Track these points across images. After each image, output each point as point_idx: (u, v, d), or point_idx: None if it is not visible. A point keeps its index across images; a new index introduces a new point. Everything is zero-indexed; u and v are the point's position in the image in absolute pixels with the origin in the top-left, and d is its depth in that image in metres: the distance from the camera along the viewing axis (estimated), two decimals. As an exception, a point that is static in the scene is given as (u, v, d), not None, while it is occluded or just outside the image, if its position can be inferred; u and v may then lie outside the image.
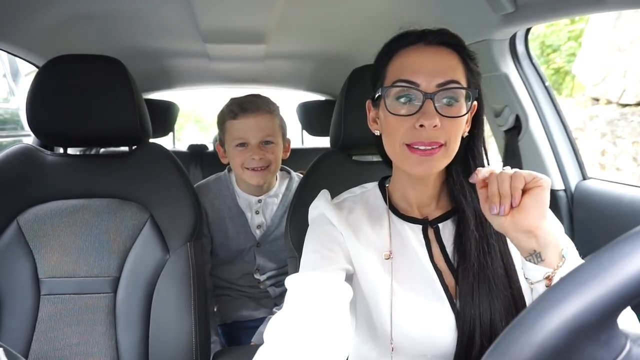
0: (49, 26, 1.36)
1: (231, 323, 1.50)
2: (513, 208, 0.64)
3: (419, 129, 0.69)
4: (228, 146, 1.37)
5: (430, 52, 0.72)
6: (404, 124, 0.71)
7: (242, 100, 1.34)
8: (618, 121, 4.51)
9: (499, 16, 1.15)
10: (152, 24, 1.53)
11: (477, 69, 0.75)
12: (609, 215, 1.14)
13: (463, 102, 0.71)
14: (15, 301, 1.07)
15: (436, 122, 0.68)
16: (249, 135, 1.32)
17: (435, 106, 0.69)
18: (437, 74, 0.70)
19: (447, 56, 0.72)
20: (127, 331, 1.09)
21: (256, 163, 1.32)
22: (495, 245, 0.75)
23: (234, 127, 1.34)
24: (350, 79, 1.12)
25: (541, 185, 0.63)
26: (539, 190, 0.63)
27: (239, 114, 1.32)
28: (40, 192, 1.13)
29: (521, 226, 0.63)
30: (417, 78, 0.70)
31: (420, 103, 0.69)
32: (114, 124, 1.14)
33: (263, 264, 1.48)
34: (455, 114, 0.70)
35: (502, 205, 0.64)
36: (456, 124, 0.71)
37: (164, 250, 1.13)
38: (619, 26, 4.62)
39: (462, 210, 0.77)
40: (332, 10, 1.42)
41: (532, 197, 0.63)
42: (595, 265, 0.30)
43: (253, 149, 1.32)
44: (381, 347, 0.77)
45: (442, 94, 0.70)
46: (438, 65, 0.71)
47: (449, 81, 0.70)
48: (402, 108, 0.71)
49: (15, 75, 3.71)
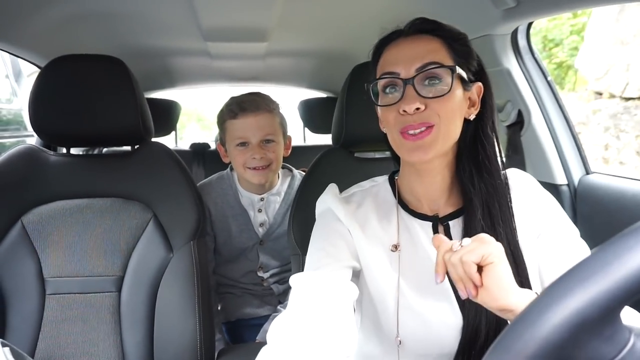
0: (51, 26, 1.36)
1: (235, 321, 1.50)
2: (478, 288, 0.59)
3: (404, 115, 0.70)
4: (229, 146, 1.37)
5: (407, 42, 0.74)
6: (392, 113, 0.72)
7: (242, 100, 1.34)
8: (621, 115, 4.49)
9: (500, 11, 1.15)
10: (154, 23, 1.53)
11: (466, 49, 0.75)
12: (613, 209, 1.14)
13: (448, 80, 0.70)
14: (21, 301, 1.07)
15: (417, 105, 0.69)
16: (249, 134, 1.32)
17: (417, 90, 0.69)
18: (414, 60, 0.71)
19: (425, 42, 0.73)
20: (131, 329, 1.10)
21: (257, 162, 1.32)
22: (503, 234, 0.73)
23: (234, 127, 1.34)
24: (351, 75, 1.12)
25: (493, 261, 0.58)
26: (492, 268, 0.58)
27: (239, 113, 1.32)
28: (44, 193, 1.14)
29: (491, 306, 0.59)
30: (397, 68, 0.72)
31: (402, 90, 0.70)
32: (116, 123, 1.14)
33: (266, 262, 1.48)
34: (439, 94, 0.70)
35: (466, 290, 0.59)
36: (445, 103, 0.70)
37: (167, 248, 1.13)
38: (622, 19, 4.59)
39: (470, 200, 0.76)
40: (332, 7, 1.42)
41: (489, 276, 0.58)
42: (598, 259, 0.30)
43: (254, 149, 1.32)
44: (386, 344, 0.77)
45: (422, 78, 0.70)
46: (415, 51, 0.72)
47: (427, 63, 0.70)
48: (388, 98, 0.73)
49: (17, 76, 3.72)
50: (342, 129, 1.13)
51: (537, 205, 0.78)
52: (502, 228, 0.74)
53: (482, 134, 0.76)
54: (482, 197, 0.75)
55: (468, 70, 0.74)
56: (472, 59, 0.75)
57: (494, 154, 0.77)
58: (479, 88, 0.76)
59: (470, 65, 0.75)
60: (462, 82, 0.72)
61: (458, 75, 0.71)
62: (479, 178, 0.76)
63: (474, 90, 0.75)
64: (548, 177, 1.30)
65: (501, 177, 0.77)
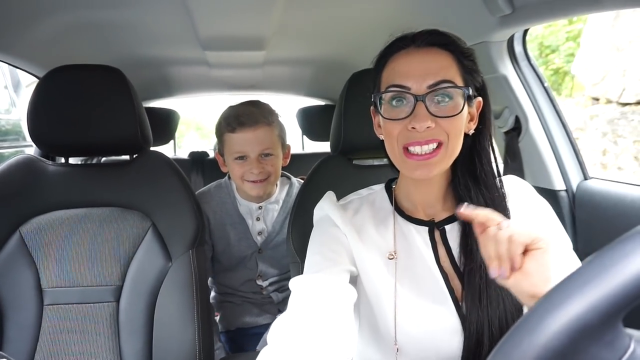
0: (49, 37, 1.37)
1: (235, 330, 1.50)
2: (514, 271, 0.58)
3: (412, 131, 0.69)
4: (227, 158, 1.37)
5: (420, 55, 0.72)
6: (397, 127, 0.71)
7: (240, 113, 1.32)
8: (618, 120, 4.51)
9: (496, 18, 1.15)
10: (152, 32, 1.53)
11: (474, 65, 0.74)
12: (611, 215, 1.14)
13: (459, 100, 0.70)
14: (18, 312, 1.07)
15: (428, 123, 0.68)
16: (247, 149, 1.32)
17: (427, 107, 0.68)
18: (427, 76, 0.69)
19: (437, 56, 0.71)
20: (130, 339, 1.09)
21: (255, 176, 1.32)
22: None
23: (233, 141, 1.33)
24: (349, 83, 1.13)
25: (542, 247, 0.57)
26: (541, 253, 0.57)
27: (237, 128, 1.30)
28: (42, 202, 1.14)
29: (524, 291, 0.58)
30: (408, 82, 0.70)
31: (412, 105, 0.69)
32: (114, 133, 1.14)
33: (265, 270, 1.48)
34: (450, 113, 0.69)
35: (500, 269, 0.58)
36: (454, 122, 0.70)
37: (166, 258, 1.13)
38: (617, 26, 4.63)
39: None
40: (330, 15, 1.43)
41: (534, 261, 0.57)
42: (597, 265, 0.30)
43: (252, 162, 1.31)
44: (385, 349, 0.77)
45: (434, 95, 0.69)
46: (428, 66, 0.70)
47: (440, 81, 0.69)
48: (396, 112, 0.71)
49: (16, 86, 3.73)
50: (340, 137, 1.13)
51: (532, 213, 0.78)
52: None
53: (479, 148, 0.77)
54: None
55: (473, 87, 0.74)
56: (477, 75, 0.75)
57: (491, 168, 0.77)
58: (478, 103, 0.76)
59: (476, 82, 0.75)
60: (467, 100, 0.72)
61: (466, 95, 0.71)
62: (477, 191, 0.76)
63: (474, 105, 0.76)
64: (546, 183, 1.30)
65: (499, 190, 0.77)
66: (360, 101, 1.10)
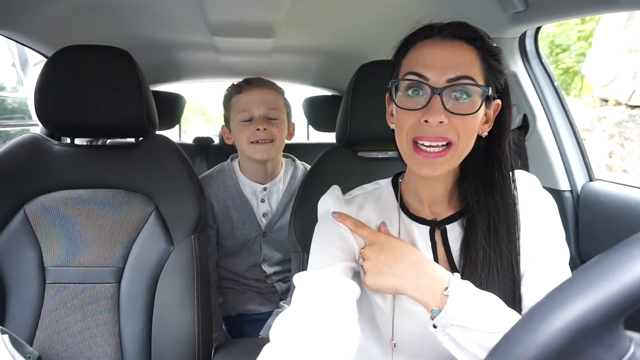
0: (58, 16, 1.36)
1: (235, 315, 1.50)
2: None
3: (424, 124, 0.68)
4: (233, 123, 1.38)
5: (444, 46, 0.69)
6: (410, 118, 0.69)
7: (248, 78, 1.40)
8: (626, 123, 4.47)
9: (509, 14, 1.14)
10: (161, 15, 1.53)
11: (498, 65, 0.71)
12: (615, 217, 1.13)
13: (477, 99, 0.68)
14: (21, 289, 1.08)
15: (441, 118, 0.66)
16: (253, 107, 1.34)
17: (443, 102, 0.67)
18: (448, 69, 0.67)
19: (462, 51, 0.69)
20: (130, 321, 1.10)
21: (261, 135, 1.32)
22: (508, 255, 0.71)
23: (239, 101, 1.36)
24: (357, 75, 1.12)
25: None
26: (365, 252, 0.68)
27: (244, 87, 1.36)
28: (47, 182, 1.14)
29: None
30: (427, 72, 0.68)
31: (428, 98, 0.67)
32: (121, 115, 1.14)
33: (269, 254, 1.48)
34: (465, 111, 0.67)
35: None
36: (467, 122, 0.68)
37: (168, 242, 1.13)
38: (630, 27, 4.57)
39: (472, 215, 0.74)
40: (340, 5, 1.42)
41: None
42: (602, 267, 0.30)
43: (258, 122, 1.33)
44: (383, 345, 0.77)
45: (452, 90, 0.67)
46: (450, 59, 0.68)
47: (461, 77, 0.67)
48: (410, 102, 0.70)
49: (24, 64, 3.72)
50: (346, 128, 1.13)
51: (537, 214, 0.76)
52: (507, 249, 0.72)
53: (499, 152, 0.74)
54: (488, 216, 0.73)
55: (494, 88, 0.71)
56: (501, 76, 0.72)
57: (509, 174, 0.74)
58: (497, 105, 0.74)
59: (498, 83, 0.72)
60: (486, 100, 0.70)
61: (485, 95, 0.69)
62: (488, 196, 0.73)
63: (492, 107, 0.73)
64: (551, 183, 1.30)
65: (512, 197, 0.74)
66: (368, 93, 1.10)
